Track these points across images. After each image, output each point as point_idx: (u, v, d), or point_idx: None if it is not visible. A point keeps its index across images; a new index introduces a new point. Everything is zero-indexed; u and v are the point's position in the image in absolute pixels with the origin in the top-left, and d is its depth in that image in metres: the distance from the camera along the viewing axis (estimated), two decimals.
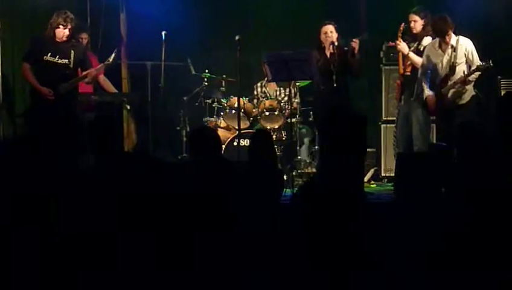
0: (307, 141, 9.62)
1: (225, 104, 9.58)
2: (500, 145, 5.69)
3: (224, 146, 8.84)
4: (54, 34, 8.10)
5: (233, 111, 9.38)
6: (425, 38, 8.40)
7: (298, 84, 9.40)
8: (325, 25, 8.61)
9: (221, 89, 9.77)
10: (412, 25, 8.44)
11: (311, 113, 9.43)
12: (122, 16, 10.33)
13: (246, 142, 9.05)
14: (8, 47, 9.33)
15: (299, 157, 9.43)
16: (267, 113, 9.40)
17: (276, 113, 9.38)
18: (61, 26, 8.07)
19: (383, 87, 9.69)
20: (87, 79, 8.26)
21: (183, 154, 9.50)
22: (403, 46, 8.46)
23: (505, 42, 9.03)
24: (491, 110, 8.43)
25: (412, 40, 8.51)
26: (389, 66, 9.59)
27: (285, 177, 7.97)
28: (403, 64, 8.59)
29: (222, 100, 9.64)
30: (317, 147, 9.22)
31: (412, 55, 8.42)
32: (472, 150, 5.51)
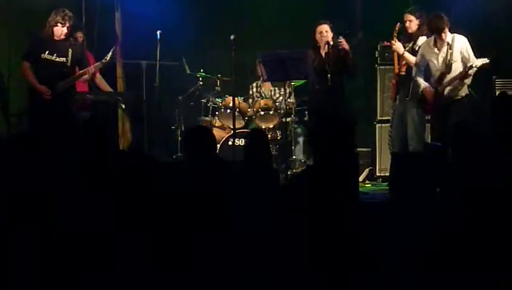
0: (301, 140, 9.62)
1: (220, 104, 9.58)
2: (494, 145, 5.70)
3: (219, 145, 8.84)
4: (52, 32, 8.10)
5: (228, 110, 9.38)
6: (421, 38, 8.40)
7: (293, 83, 9.40)
8: (320, 24, 8.61)
9: (216, 88, 9.77)
10: (407, 24, 8.43)
11: (306, 112, 9.43)
12: (117, 15, 10.32)
13: (241, 141, 9.05)
14: (4, 46, 9.31)
15: (294, 156, 9.42)
16: (262, 113, 9.40)
17: (271, 113, 9.38)
18: (60, 24, 8.06)
19: (378, 86, 9.69)
20: (86, 76, 8.26)
21: (178, 154, 9.50)
22: (398, 46, 8.46)
23: (500, 42, 9.03)
24: (486, 110, 8.43)
25: (407, 39, 8.50)
26: (384, 66, 9.59)
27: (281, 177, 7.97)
28: (398, 64, 8.58)
29: (217, 100, 9.64)
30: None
31: (407, 55, 8.42)
32: (467, 149, 5.52)
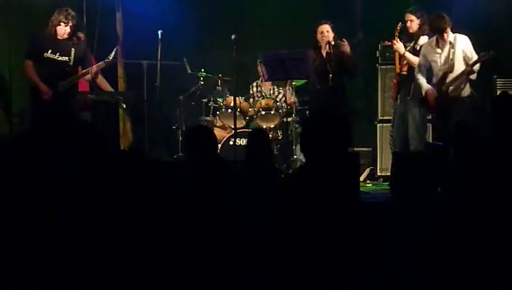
0: None
1: (221, 104, 9.57)
2: (495, 145, 5.70)
3: (220, 145, 8.84)
4: (55, 31, 8.11)
5: (229, 110, 9.38)
6: (422, 37, 8.41)
7: (294, 83, 9.40)
8: (321, 24, 8.61)
9: (217, 88, 9.77)
10: (408, 24, 8.44)
11: (307, 112, 9.43)
12: (118, 15, 10.32)
13: (242, 141, 9.05)
14: (5, 46, 9.32)
15: (295, 156, 9.42)
16: (263, 113, 9.40)
17: (272, 113, 9.39)
18: (63, 23, 8.07)
19: (379, 86, 9.69)
20: (88, 76, 8.27)
21: (179, 154, 9.50)
22: (399, 45, 8.46)
23: (500, 42, 9.02)
24: (487, 109, 8.43)
25: (408, 39, 8.51)
26: (385, 66, 9.59)
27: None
28: (400, 63, 8.59)
29: (218, 99, 9.64)
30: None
31: (408, 54, 8.43)
32: (468, 149, 5.52)
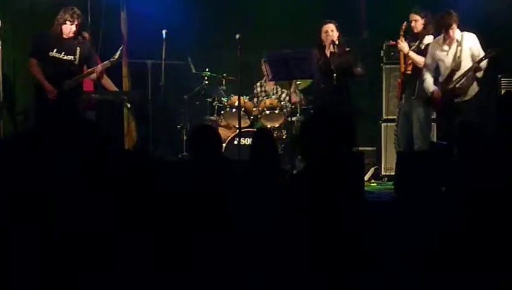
0: None
1: (225, 103, 9.58)
2: (499, 145, 5.69)
3: (224, 145, 8.84)
4: (60, 30, 8.11)
5: (234, 110, 9.38)
6: (427, 37, 8.42)
7: (299, 83, 9.40)
8: (326, 23, 8.60)
9: (221, 87, 9.77)
10: (412, 24, 8.45)
11: (311, 112, 9.42)
12: (123, 15, 10.33)
13: (246, 140, 9.05)
14: (9, 46, 9.33)
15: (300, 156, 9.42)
16: (267, 112, 9.41)
17: (276, 112, 9.39)
18: (68, 22, 8.08)
19: (384, 86, 9.69)
20: (93, 75, 8.28)
21: (183, 153, 9.50)
22: (404, 45, 8.46)
23: (505, 41, 9.01)
24: (491, 109, 8.43)
25: (413, 39, 8.52)
26: (389, 65, 9.59)
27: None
28: (404, 63, 8.60)
29: (222, 99, 9.64)
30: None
31: (412, 54, 8.43)
32: (472, 149, 5.51)
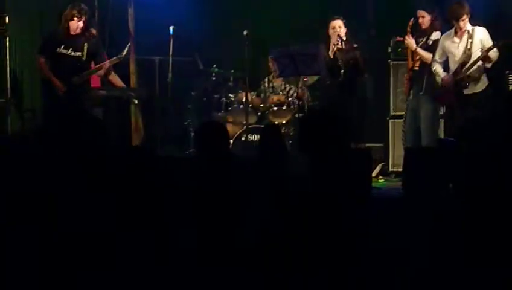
0: None
1: (233, 99, 9.58)
2: (507, 142, 5.68)
3: (232, 141, 8.84)
4: (68, 26, 8.12)
5: (241, 106, 9.39)
6: (434, 33, 8.41)
7: (306, 79, 9.39)
8: (333, 19, 8.61)
9: (229, 84, 9.77)
10: (420, 20, 8.44)
11: (313, 108, 9.40)
12: (130, 11, 10.32)
13: (253, 137, 9.05)
14: (17, 43, 9.35)
15: None
16: (275, 108, 9.40)
17: (284, 108, 9.39)
18: (76, 18, 8.09)
19: (391, 82, 9.68)
20: (101, 71, 8.29)
21: (190, 149, 9.51)
22: (411, 41, 8.46)
23: None
24: (499, 105, 8.41)
25: (421, 35, 8.51)
26: (397, 61, 9.56)
27: None
28: (412, 59, 8.59)
29: (230, 95, 9.64)
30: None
31: (420, 50, 8.42)
32: (478, 146, 5.50)
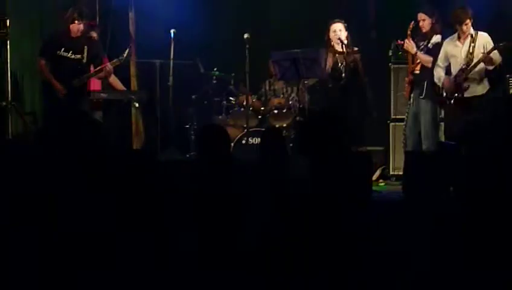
0: None
1: (234, 102, 9.58)
2: (508, 145, 5.68)
3: (233, 144, 8.84)
4: (68, 29, 8.13)
5: (242, 109, 9.39)
6: (435, 36, 8.42)
7: (306, 82, 9.39)
8: (334, 23, 8.60)
9: (229, 87, 9.78)
10: (420, 24, 8.45)
11: (313, 112, 9.39)
12: (131, 15, 10.33)
13: (254, 140, 9.05)
14: (17, 45, 9.35)
15: None
16: (275, 111, 9.41)
17: (284, 111, 9.39)
18: (76, 21, 8.09)
19: (392, 85, 9.67)
20: (102, 73, 8.29)
21: (191, 153, 9.51)
22: (411, 45, 8.46)
23: None
24: (499, 108, 8.41)
25: (421, 38, 8.52)
26: (397, 65, 9.55)
27: None
28: (413, 62, 8.59)
29: (230, 98, 9.65)
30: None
31: (420, 54, 8.43)
32: (480, 149, 5.51)
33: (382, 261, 4.01)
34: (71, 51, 8.15)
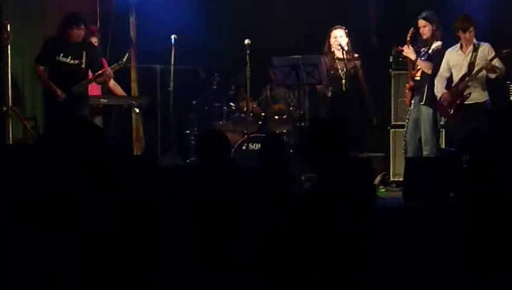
0: None
1: (234, 108, 9.59)
2: (508, 152, 5.69)
3: (233, 150, 8.83)
4: (67, 34, 8.12)
5: (242, 115, 9.39)
6: (435, 43, 8.43)
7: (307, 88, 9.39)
8: (334, 29, 8.62)
9: (230, 92, 9.78)
10: (420, 30, 8.46)
11: (313, 119, 9.39)
12: (132, 20, 10.35)
13: (255, 146, 9.04)
14: (18, 49, 9.35)
15: None
16: (276, 117, 9.41)
17: (285, 117, 9.39)
18: (75, 26, 8.09)
19: (392, 91, 9.67)
20: (102, 78, 8.27)
21: (192, 158, 9.50)
22: (410, 51, 8.47)
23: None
24: (500, 115, 8.41)
25: (422, 45, 8.53)
26: (398, 71, 9.55)
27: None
28: (412, 68, 8.60)
29: (231, 104, 9.65)
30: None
31: (419, 61, 8.44)
32: (480, 156, 5.51)
33: (382, 267, 4.01)
34: (70, 56, 8.13)
